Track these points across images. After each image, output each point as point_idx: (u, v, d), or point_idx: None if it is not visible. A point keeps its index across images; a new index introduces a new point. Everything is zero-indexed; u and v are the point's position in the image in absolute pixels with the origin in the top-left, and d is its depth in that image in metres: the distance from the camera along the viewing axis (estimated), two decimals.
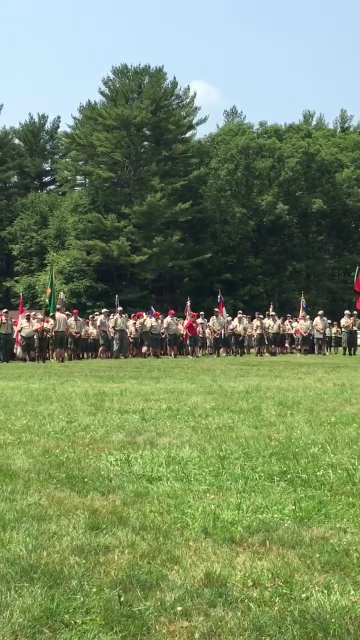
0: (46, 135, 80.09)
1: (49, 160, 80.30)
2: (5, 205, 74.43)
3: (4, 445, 7.40)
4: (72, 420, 9.18)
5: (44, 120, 79.96)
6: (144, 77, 64.37)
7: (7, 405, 10.92)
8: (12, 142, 78.07)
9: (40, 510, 4.85)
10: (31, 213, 67.55)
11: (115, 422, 8.91)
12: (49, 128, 79.97)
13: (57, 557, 3.90)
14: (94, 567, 3.77)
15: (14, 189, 77.64)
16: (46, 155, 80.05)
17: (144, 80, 64.15)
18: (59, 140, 74.91)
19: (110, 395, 12.33)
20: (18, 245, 66.37)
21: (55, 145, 78.88)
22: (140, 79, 64.47)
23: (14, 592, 3.43)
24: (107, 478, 5.79)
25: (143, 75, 64.46)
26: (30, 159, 77.50)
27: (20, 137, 79.18)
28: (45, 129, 79.95)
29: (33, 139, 78.60)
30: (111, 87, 64.80)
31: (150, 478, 5.77)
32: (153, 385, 14.44)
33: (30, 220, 66.82)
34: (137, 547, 4.08)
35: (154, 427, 8.46)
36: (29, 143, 78.59)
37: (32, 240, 65.71)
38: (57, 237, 63.43)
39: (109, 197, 62.61)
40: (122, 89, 63.61)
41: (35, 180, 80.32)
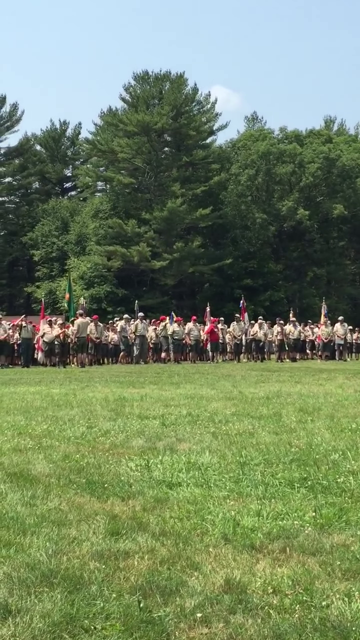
0: (67, 142, 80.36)
1: (70, 166, 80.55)
2: (27, 211, 74.71)
3: (25, 450, 7.43)
4: (93, 425, 9.19)
5: (65, 126, 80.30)
6: (165, 83, 64.44)
7: (28, 410, 10.96)
8: (33, 148, 78.38)
9: (61, 515, 4.86)
10: (52, 219, 67.77)
11: (135, 428, 8.92)
12: (70, 134, 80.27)
13: (77, 563, 3.91)
14: (113, 572, 3.77)
15: (35, 195, 77.92)
16: (67, 162, 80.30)
17: (165, 86, 64.21)
18: (80, 146, 75.12)
19: (130, 400, 12.35)
20: (39, 251, 66.57)
21: (76, 152, 79.10)
22: (161, 85, 64.54)
23: (34, 597, 3.44)
24: (127, 483, 5.80)
25: (164, 81, 64.53)
26: (52, 165, 77.79)
27: (41, 143, 79.52)
28: (66, 135, 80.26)
29: (54, 145, 78.93)
30: (132, 93, 64.92)
31: (170, 484, 5.77)
32: (173, 391, 14.44)
33: (52, 226, 67.03)
34: (157, 552, 4.08)
35: (174, 433, 8.46)
36: (50, 149, 78.92)
37: (53, 246, 65.90)
38: (78, 242, 63.57)
39: (130, 202, 62.68)
40: (143, 95, 63.71)
41: (57, 186, 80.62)
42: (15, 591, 3.50)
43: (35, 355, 31.09)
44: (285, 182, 64.33)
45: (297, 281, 63.85)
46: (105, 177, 66.78)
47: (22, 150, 75.35)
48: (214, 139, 67.00)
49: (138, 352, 30.86)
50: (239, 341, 33.67)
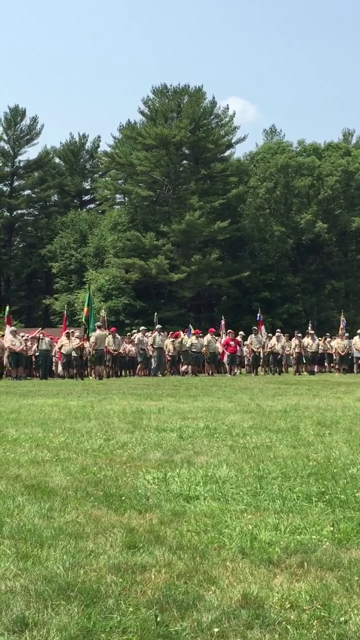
0: (86, 155, 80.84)
1: (89, 179, 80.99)
2: (46, 224, 75.15)
3: (42, 462, 7.44)
4: (110, 437, 9.19)
5: (84, 139, 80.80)
6: (183, 96, 64.69)
7: (46, 423, 10.97)
8: (52, 161, 78.93)
9: (78, 528, 4.86)
10: (71, 231, 68.10)
11: (152, 440, 8.91)
12: (89, 147, 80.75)
13: (94, 576, 3.90)
14: (130, 586, 3.77)
15: (54, 208, 78.40)
16: (86, 174, 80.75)
17: (183, 100, 64.46)
18: (99, 159, 75.53)
19: (147, 413, 12.34)
20: (58, 263, 66.90)
21: (95, 164, 79.52)
22: (179, 98, 64.81)
23: (51, 610, 3.44)
24: (144, 496, 5.79)
25: (182, 94, 64.78)
26: (71, 178, 78.25)
27: (60, 156, 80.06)
28: (85, 148, 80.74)
29: (73, 158, 79.43)
30: (151, 107, 65.22)
31: (188, 497, 5.76)
32: (191, 404, 14.41)
33: (70, 238, 67.36)
34: (174, 566, 4.07)
35: (191, 446, 8.44)
36: (69, 162, 79.42)
37: (71, 258, 66.20)
38: (96, 255, 63.82)
39: (148, 215, 62.87)
40: (161, 109, 63.99)
41: (75, 198, 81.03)
42: (32, 604, 3.50)
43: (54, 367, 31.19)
44: (304, 195, 64.30)
45: (315, 294, 63.69)
46: (124, 189, 67.07)
47: (41, 163, 75.91)
48: (232, 151, 67.28)
49: (156, 364, 30.87)
50: (257, 354, 33.62)
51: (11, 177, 75.59)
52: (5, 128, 74.29)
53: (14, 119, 74.09)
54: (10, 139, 74.59)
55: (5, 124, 74.16)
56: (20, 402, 15.24)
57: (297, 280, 63.50)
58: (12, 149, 75.01)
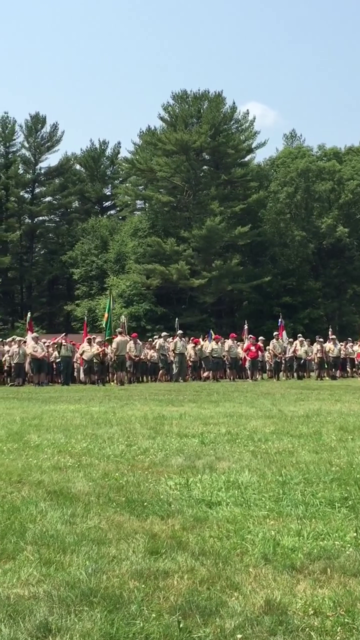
0: (107, 161, 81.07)
1: (110, 186, 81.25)
2: (67, 230, 75.46)
3: (65, 468, 7.45)
4: (132, 443, 9.19)
5: (105, 146, 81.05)
6: (203, 102, 64.80)
7: (68, 429, 10.99)
8: (73, 168, 79.27)
9: (100, 533, 4.86)
10: (92, 237, 68.32)
11: (174, 446, 8.90)
12: (109, 154, 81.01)
13: (117, 582, 3.90)
14: (153, 592, 3.76)
15: (75, 214, 78.70)
16: (106, 181, 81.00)
17: (203, 105, 64.57)
18: (119, 165, 75.80)
19: (169, 418, 12.33)
20: (79, 270, 67.14)
21: (115, 171, 79.79)
22: (199, 104, 64.94)
23: (74, 615, 3.44)
24: (166, 502, 5.78)
25: (202, 100, 64.90)
26: (91, 185, 78.52)
27: (81, 163, 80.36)
28: (105, 155, 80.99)
29: (94, 164, 79.68)
30: (171, 113, 65.38)
31: (210, 503, 5.74)
32: (212, 409, 14.39)
33: (91, 244, 67.59)
34: (197, 572, 4.06)
35: (213, 451, 8.42)
36: (90, 169, 79.68)
37: (92, 265, 66.41)
38: (117, 261, 63.98)
39: (169, 221, 62.97)
40: (181, 114, 64.12)
41: (96, 205, 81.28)
42: (55, 610, 3.51)
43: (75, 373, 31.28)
44: (325, 199, 64.14)
45: (337, 299, 63.49)
46: (144, 195, 67.27)
47: (62, 170, 76.30)
48: (252, 156, 67.26)
49: (177, 370, 30.86)
50: (279, 359, 33.54)
51: (32, 184, 76.01)
52: (26, 135, 74.78)
53: (34, 126, 74.53)
54: (32, 146, 75.07)
55: (26, 132, 74.64)
56: (42, 408, 15.29)
57: (318, 285, 63.32)
58: (33, 156, 75.47)
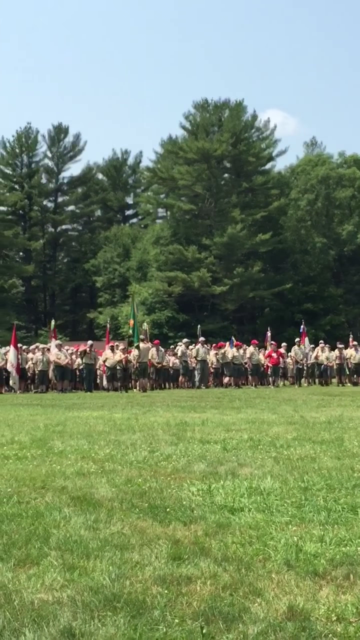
0: (129, 170, 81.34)
1: (131, 194, 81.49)
2: (89, 239, 75.78)
3: (88, 474, 7.46)
4: (154, 449, 9.19)
5: (127, 155, 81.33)
6: (224, 110, 64.97)
7: (91, 435, 11.02)
8: (95, 177, 79.63)
9: (123, 539, 4.86)
10: (114, 245, 68.55)
11: (196, 452, 8.89)
12: (131, 163, 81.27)
13: (140, 587, 3.90)
14: (176, 597, 3.75)
15: (98, 223, 79.03)
16: (128, 189, 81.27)
17: (224, 114, 64.74)
18: (141, 174, 76.09)
19: (191, 425, 12.32)
20: (101, 277, 67.36)
21: (137, 179, 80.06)
22: (220, 112, 65.10)
23: (98, 621, 3.44)
24: (189, 508, 5.77)
25: (223, 109, 65.07)
26: (113, 193, 78.79)
27: (103, 172, 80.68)
28: (127, 164, 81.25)
29: (116, 173, 79.96)
30: (192, 121, 65.56)
31: (232, 509, 5.72)
32: (234, 416, 14.37)
33: (113, 252, 67.80)
34: (219, 578, 4.04)
35: (235, 458, 8.40)
36: (112, 178, 79.97)
37: (115, 272, 66.62)
38: (139, 269, 64.14)
39: (190, 229, 63.06)
40: (202, 123, 64.28)
41: (118, 213, 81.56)
42: (79, 615, 3.51)
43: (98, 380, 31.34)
44: (345, 206, 63.98)
45: (358, 305, 63.20)
46: (166, 204, 67.46)
47: (84, 179, 76.72)
48: (273, 164, 67.28)
49: (199, 376, 30.86)
50: (301, 365, 33.44)
51: (55, 193, 76.46)
52: (49, 145, 75.31)
53: (57, 136, 75.02)
54: (54, 156, 75.54)
55: (49, 142, 75.18)
56: (65, 414, 15.34)
57: (339, 292, 63.10)
58: (56, 166, 75.94)
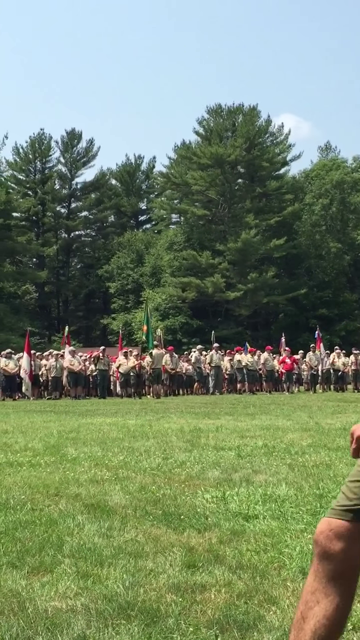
0: (142, 175, 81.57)
1: (145, 200, 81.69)
2: (103, 244, 75.97)
3: (102, 481, 7.46)
4: (168, 456, 9.18)
5: (140, 160, 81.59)
6: (238, 115, 65.00)
7: (105, 442, 11.02)
8: (109, 182, 79.86)
9: (137, 547, 4.85)
10: (127, 251, 68.69)
11: (211, 459, 8.88)
12: (144, 168, 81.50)
13: (154, 595, 3.89)
14: (190, 605, 3.74)
15: (111, 228, 79.22)
16: (142, 195, 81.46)
17: (238, 119, 64.76)
18: (155, 179, 76.20)
19: (205, 431, 12.31)
20: (115, 283, 67.49)
21: (150, 185, 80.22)
22: (234, 117, 65.15)
23: (112, 629, 3.43)
24: (203, 515, 5.76)
25: (237, 113, 65.11)
26: (127, 199, 79.02)
27: (116, 177, 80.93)
28: (141, 169, 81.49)
29: (129, 179, 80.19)
30: (205, 127, 65.65)
31: (247, 516, 5.71)
32: (249, 422, 14.34)
33: (127, 258, 67.93)
34: (234, 586, 4.03)
35: (250, 465, 8.39)
36: (126, 183, 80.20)
37: (128, 278, 66.74)
38: (152, 274, 64.24)
39: (204, 234, 63.09)
40: (216, 128, 64.37)
41: (132, 219, 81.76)
42: (93, 623, 3.50)
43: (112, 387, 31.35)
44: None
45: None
46: (180, 209, 67.52)
47: (98, 185, 76.95)
48: (287, 169, 67.21)
49: (213, 382, 30.83)
50: (315, 371, 33.33)
51: (68, 199, 76.76)
52: (62, 151, 75.68)
53: (70, 142, 75.34)
54: (68, 161, 75.83)
55: (62, 147, 75.53)
56: (79, 421, 15.35)
57: (354, 297, 62.92)
58: (69, 172, 76.25)
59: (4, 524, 5.51)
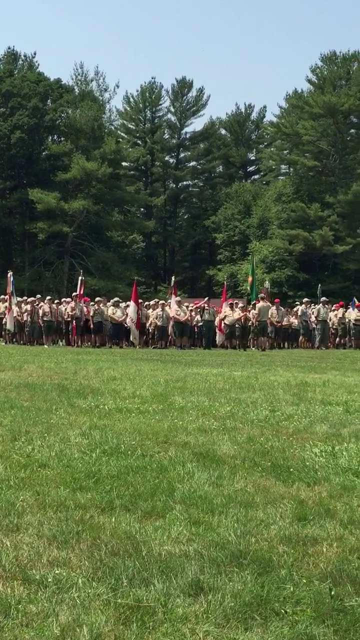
0: (252, 125, 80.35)
1: (254, 150, 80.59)
2: (210, 195, 75.61)
3: (210, 430, 7.53)
4: (275, 409, 9.19)
5: (250, 110, 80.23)
6: (353, 63, 63.14)
7: (211, 392, 11.10)
8: (218, 132, 79.10)
9: (247, 497, 4.89)
10: (235, 202, 68.16)
11: (318, 413, 8.84)
12: (254, 118, 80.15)
13: (266, 545, 3.92)
14: (302, 557, 3.76)
15: (219, 179, 78.67)
16: (251, 145, 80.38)
17: (353, 67, 62.93)
18: (265, 129, 75.03)
19: (312, 385, 12.24)
20: (221, 234, 67.22)
21: (260, 135, 79.04)
22: (349, 65, 63.33)
23: (225, 576, 3.48)
24: (312, 469, 5.76)
25: (352, 61, 63.24)
26: (236, 149, 78.14)
27: (226, 127, 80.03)
28: (251, 119, 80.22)
29: (239, 129, 79.15)
30: (319, 75, 64.14)
31: (357, 472, 5.68)
32: (357, 378, 14.18)
33: (234, 209, 67.44)
34: (346, 541, 4.02)
35: (358, 420, 8.32)
36: (235, 133, 79.24)
37: (235, 230, 66.34)
38: (259, 226, 63.67)
39: (313, 186, 62.04)
40: (329, 76, 62.76)
41: (240, 170, 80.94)
42: (206, 569, 3.56)
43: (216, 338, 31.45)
44: None
45: None
46: (289, 160, 66.53)
47: (206, 135, 76.33)
48: None
49: (319, 337, 30.54)
50: None
51: (177, 149, 76.57)
52: (172, 100, 75.25)
53: (181, 90, 74.83)
54: (177, 111, 75.43)
55: (172, 96, 75.10)
56: (185, 370, 15.49)
57: None
58: (178, 121, 75.88)
59: (116, 468, 5.64)
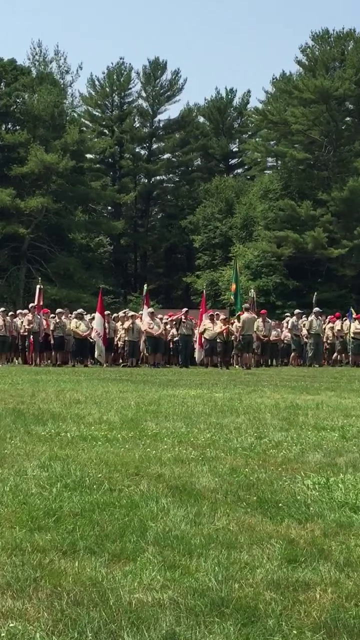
0: (234, 112, 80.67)
1: (237, 140, 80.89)
2: (187, 192, 75.74)
3: (187, 460, 7.53)
4: (262, 435, 9.21)
5: (232, 95, 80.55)
6: (348, 42, 63.65)
7: (189, 417, 11.10)
8: (195, 120, 79.27)
9: (230, 536, 4.89)
10: (215, 200, 68.34)
11: (311, 440, 8.88)
12: (237, 104, 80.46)
13: (251, 592, 3.92)
14: (292, 605, 3.76)
15: (197, 173, 78.83)
16: (233, 135, 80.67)
17: (348, 46, 63.45)
18: (249, 117, 75.30)
19: (304, 408, 12.30)
20: (200, 237, 67.31)
21: (243, 123, 79.33)
22: (343, 45, 63.83)
23: (204, 627, 3.48)
24: (304, 504, 5.77)
25: (347, 40, 63.75)
26: (216, 139, 78.40)
27: (205, 114, 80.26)
28: (233, 105, 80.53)
29: (219, 116, 79.43)
30: (309, 56, 64.60)
31: (354, 507, 5.70)
32: (354, 399, 14.26)
33: (215, 208, 67.61)
34: (342, 586, 4.04)
35: (356, 448, 8.37)
36: (215, 121, 79.48)
37: (215, 231, 66.50)
38: (243, 227, 63.91)
39: (304, 181, 62.42)
40: (322, 57, 63.23)
41: (221, 163, 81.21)
42: (182, 619, 3.55)
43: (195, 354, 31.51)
44: None
45: None
46: (277, 152, 66.87)
47: (183, 123, 76.50)
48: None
49: (312, 353, 30.68)
50: None
51: (149, 139, 76.73)
52: (143, 84, 75.41)
53: (153, 73, 74.97)
54: (149, 95, 75.57)
55: (143, 79, 75.25)
56: (159, 392, 15.50)
57: None
58: (150, 107, 76.06)
59: (80, 505, 5.62)
